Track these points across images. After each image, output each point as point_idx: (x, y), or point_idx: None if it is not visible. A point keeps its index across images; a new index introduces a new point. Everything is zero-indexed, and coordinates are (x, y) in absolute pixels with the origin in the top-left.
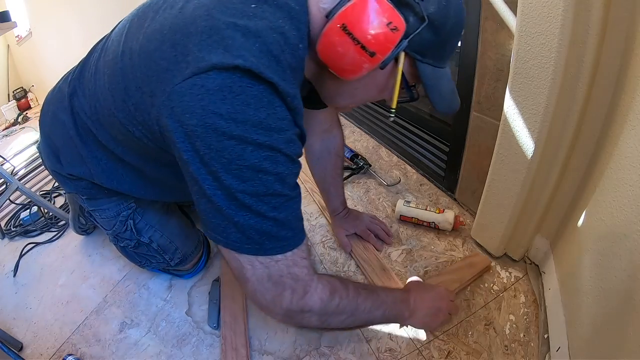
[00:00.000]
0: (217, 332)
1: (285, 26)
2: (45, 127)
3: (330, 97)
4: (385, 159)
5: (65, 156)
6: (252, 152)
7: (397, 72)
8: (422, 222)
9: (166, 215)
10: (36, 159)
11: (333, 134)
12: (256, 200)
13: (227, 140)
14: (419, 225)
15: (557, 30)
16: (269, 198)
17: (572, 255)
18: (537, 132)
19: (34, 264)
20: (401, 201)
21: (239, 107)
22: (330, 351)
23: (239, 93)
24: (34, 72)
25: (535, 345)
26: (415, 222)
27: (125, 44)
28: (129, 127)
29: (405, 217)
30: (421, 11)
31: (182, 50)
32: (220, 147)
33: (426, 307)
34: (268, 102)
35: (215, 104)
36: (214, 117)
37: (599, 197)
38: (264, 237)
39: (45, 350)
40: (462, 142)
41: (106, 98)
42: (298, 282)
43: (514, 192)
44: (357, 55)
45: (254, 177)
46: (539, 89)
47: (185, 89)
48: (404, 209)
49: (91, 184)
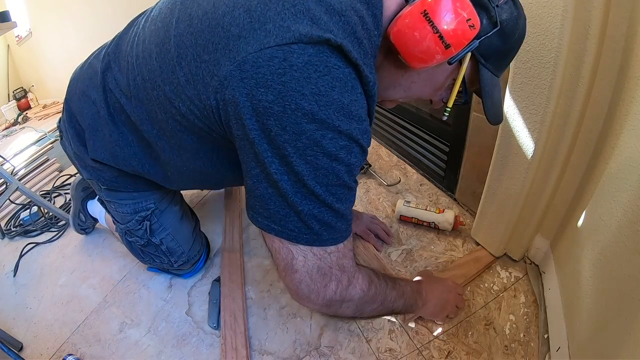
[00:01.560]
0: (217, 332)
1: (363, 10)
2: (72, 106)
3: (385, 88)
4: (385, 159)
5: (92, 139)
6: (332, 140)
7: (457, 72)
8: (422, 222)
9: (180, 221)
10: (36, 159)
11: None
12: (325, 190)
13: (307, 124)
14: (419, 225)
15: (557, 30)
16: (336, 188)
17: (572, 255)
18: (537, 132)
19: (34, 264)
20: (401, 201)
21: (324, 88)
22: (330, 351)
23: (325, 73)
24: (34, 72)
25: (535, 345)
26: (415, 222)
27: (182, 11)
28: (175, 102)
29: (405, 217)
30: (495, 16)
31: (259, 17)
32: (298, 130)
33: (436, 298)
34: (352, 87)
35: (298, 81)
36: (296, 96)
37: (599, 197)
38: (324, 228)
39: (45, 350)
40: (462, 142)
41: (151, 70)
42: (344, 274)
43: (514, 192)
44: (432, 44)
45: (328, 166)
46: (539, 89)
47: (263, 60)
48: (404, 209)
49: (115, 175)
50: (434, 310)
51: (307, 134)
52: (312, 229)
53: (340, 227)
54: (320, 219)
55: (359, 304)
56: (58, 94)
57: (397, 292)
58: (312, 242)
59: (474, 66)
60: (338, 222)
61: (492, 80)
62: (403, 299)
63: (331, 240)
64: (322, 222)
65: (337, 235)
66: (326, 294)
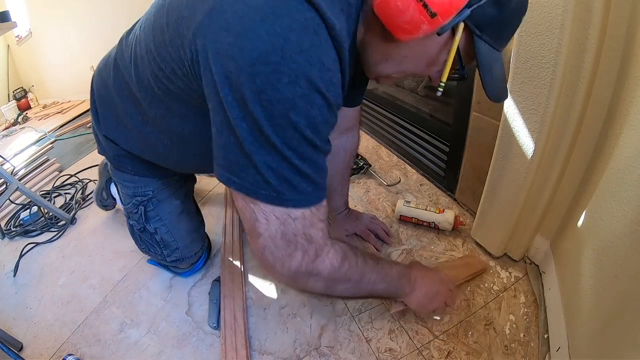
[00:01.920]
0: (217, 332)
1: None
2: (93, 83)
3: (376, 63)
4: (385, 159)
5: (104, 115)
6: (288, 85)
7: (451, 45)
8: (422, 222)
9: (179, 216)
10: (36, 159)
11: (352, 134)
12: (282, 142)
13: (261, 65)
14: (419, 225)
15: (557, 30)
16: (296, 143)
17: (572, 255)
18: (537, 132)
19: (34, 264)
20: (401, 201)
21: (281, 30)
22: (330, 351)
23: (283, 14)
24: (34, 72)
25: (535, 345)
26: (415, 222)
27: None
28: (162, 65)
29: (405, 217)
30: None
31: None
32: (253, 71)
33: (426, 286)
34: (314, 32)
35: (255, 22)
36: (252, 37)
37: (599, 197)
38: (284, 185)
39: (45, 350)
40: (462, 142)
41: (147, 36)
42: (311, 244)
43: (514, 192)
44: (416, 14)
45: (285, 115)
46: (539, 89)
47: (227, 5)
48: (404, 209)
49: (120, 154)
50: (422, 301)
51: (261, 76)
52: (270, 184)
53: (305, 189)
54: (279, 174)
55: (328, 281)
56: (58, 94)
57: (379, 275)
58: (272, 199)
59: (469, 38)
60: (301, 183)
61: (490, 53)
62: (385, 283)
63: (294, 202)
64: (281, 177)
65: (300, 198)
66: (291, 265)
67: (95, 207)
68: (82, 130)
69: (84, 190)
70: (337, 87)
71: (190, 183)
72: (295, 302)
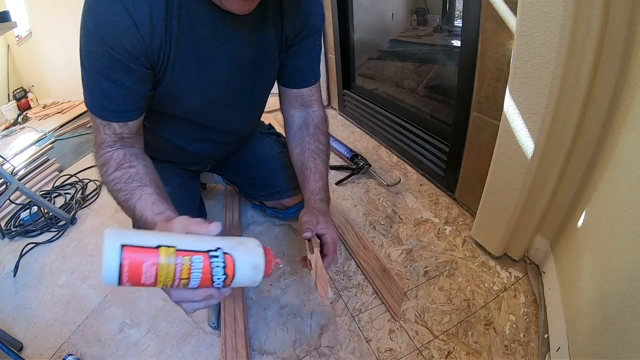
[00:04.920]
0: (217, 332)
1: None
2: None
3: None
4: (385, 159)
5: None
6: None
7: None
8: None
9: (178, 188)
10: (36, 159)
11: (313, 109)
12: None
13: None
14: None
15: (557, 30)
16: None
17: (572, 255)
18: (537, 132)
19: (34, 264)
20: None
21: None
22: (330, 351)
23: None
24: (34, 72)
25: (535, 345)
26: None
27: None
28: None
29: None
30: None
31: None
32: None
33: None
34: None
35: None
36: None
37: (599, 197)
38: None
39: (45, 350)
40: (462, 142)
41: None
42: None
43: (514, 192)
44: None
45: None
46: (539, 89)
47: None
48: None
49: None
50: None
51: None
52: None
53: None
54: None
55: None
56: (58, 94)
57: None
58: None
59: None
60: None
61: None
62: (136, 218)
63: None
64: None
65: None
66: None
67: (96, 207)
68: (82, 130)
69: (84, 190)
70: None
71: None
72: (295, 302)
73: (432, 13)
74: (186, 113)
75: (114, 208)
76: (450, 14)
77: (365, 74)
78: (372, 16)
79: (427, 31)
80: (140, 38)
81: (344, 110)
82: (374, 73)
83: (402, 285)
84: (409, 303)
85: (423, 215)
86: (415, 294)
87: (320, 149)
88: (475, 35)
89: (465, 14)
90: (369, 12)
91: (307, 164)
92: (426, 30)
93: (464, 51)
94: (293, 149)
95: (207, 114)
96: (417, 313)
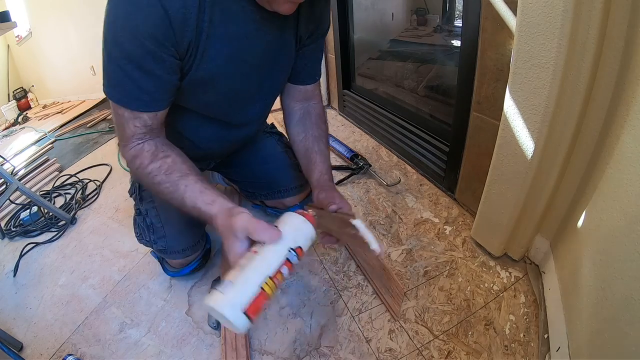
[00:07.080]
0: (217, 332)
1: None
2: None
3: None
4: (385, 159)
5: None
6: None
7: None
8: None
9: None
10: (36, 159)
11: (313, 102)
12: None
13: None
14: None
15: (557, 30)
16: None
17: (572, 255)
18: (537, 132)
19: (34, 264)
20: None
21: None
22: (330, 351)
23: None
24: (34, 72)
25: (535, 345)
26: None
27: None
28: None
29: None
30: None
31: None
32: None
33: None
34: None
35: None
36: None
37: (599, 197)
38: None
39: (45, 350)
40: (462, 142)
41: None
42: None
43: (514, 192)
44: None
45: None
46: (539, 89)
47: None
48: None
49: None
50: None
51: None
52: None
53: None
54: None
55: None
56: (58, 94)
57: (185, 199)
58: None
59: None
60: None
61: None
62: (195, 212)
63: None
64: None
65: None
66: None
67: (95, 207)
68: (82, 130)
69: (84, 190)
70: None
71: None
72: (295, 302)
73: (432, 13)
74: (205, 106)
75: (114, 208)
76: (450, 14)
77: (365, 74)
78: (372, 16)
79: (427, 31)
80: (171, 30)
81: (344, 110)
82: (374, 73)
83: (402, 285)
84: (409, 303)
85: (423, 215)
86: (415, 294)
87: (322, 135)
88: (475, 35)
89: (465, 14)
90: (369, 12)
91: (312, 147)
92: (426, 30)
93: (464, 51)
94: (296, 136)
95: (225, 108)
96: (417, 313)
